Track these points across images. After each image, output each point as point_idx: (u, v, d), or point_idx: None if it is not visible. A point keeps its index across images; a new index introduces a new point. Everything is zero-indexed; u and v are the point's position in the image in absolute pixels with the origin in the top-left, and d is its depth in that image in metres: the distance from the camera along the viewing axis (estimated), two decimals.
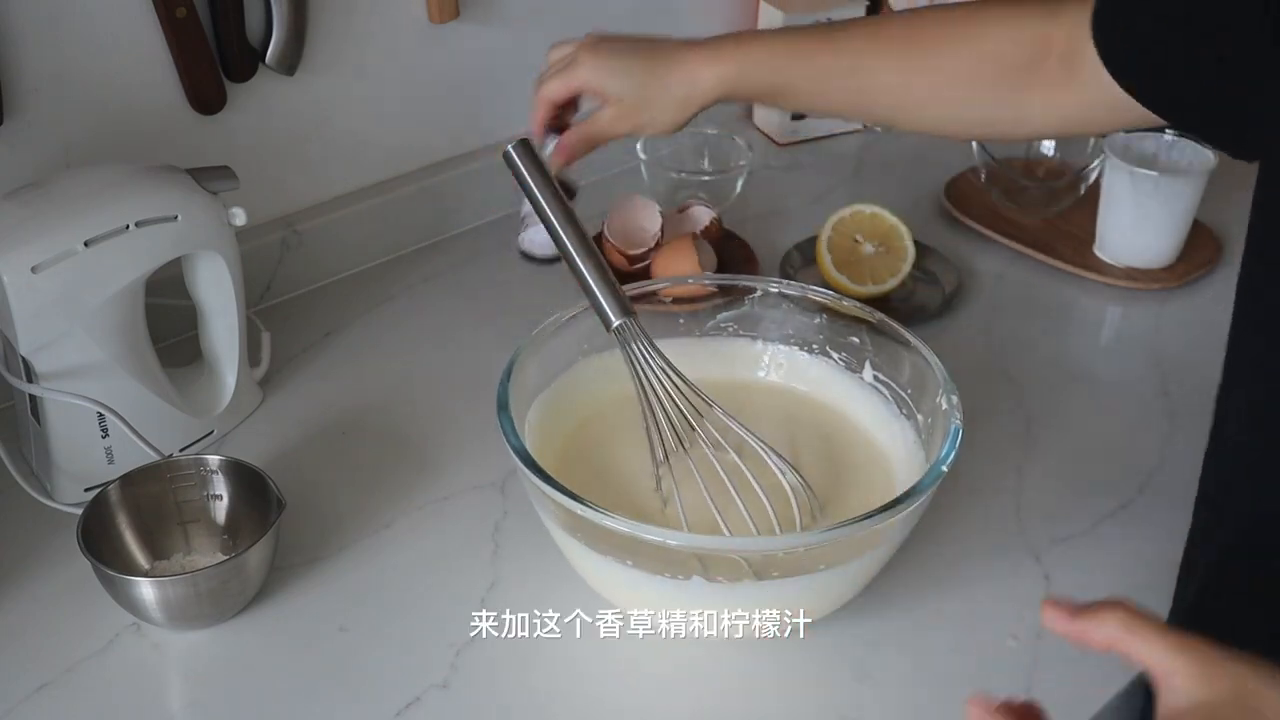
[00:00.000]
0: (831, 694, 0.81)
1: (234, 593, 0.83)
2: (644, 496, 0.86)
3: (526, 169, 0.85)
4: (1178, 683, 0.52)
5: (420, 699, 0.80)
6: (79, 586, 0.85)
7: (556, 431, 0.91)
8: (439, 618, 0.85)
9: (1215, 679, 0.51)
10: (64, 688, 0.80)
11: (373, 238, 1.21)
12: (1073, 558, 0.91)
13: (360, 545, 0.91)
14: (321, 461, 0.98)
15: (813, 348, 0.96)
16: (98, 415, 0.91)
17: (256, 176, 1.08)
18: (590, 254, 0.84)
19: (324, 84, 1.14)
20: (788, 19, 1.39)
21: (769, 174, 1.40)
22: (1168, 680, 0.52)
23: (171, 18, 1.01)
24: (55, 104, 0.99)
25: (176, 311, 1.02)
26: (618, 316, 0.84)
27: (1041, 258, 1.24)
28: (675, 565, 0.76)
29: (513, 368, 0.85)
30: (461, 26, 1.20)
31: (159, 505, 0.88)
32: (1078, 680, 0.82)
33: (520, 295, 1.18)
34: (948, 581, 0.89)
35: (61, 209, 0.88)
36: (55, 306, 0.87)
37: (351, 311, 1.16)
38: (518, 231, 1.23)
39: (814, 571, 0.77)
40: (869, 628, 0.85)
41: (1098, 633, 0.54)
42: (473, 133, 1.27)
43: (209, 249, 0.95)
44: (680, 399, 0.85)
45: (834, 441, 0.92)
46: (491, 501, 0.95)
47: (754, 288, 0.96)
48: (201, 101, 1.06)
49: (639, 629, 0.84)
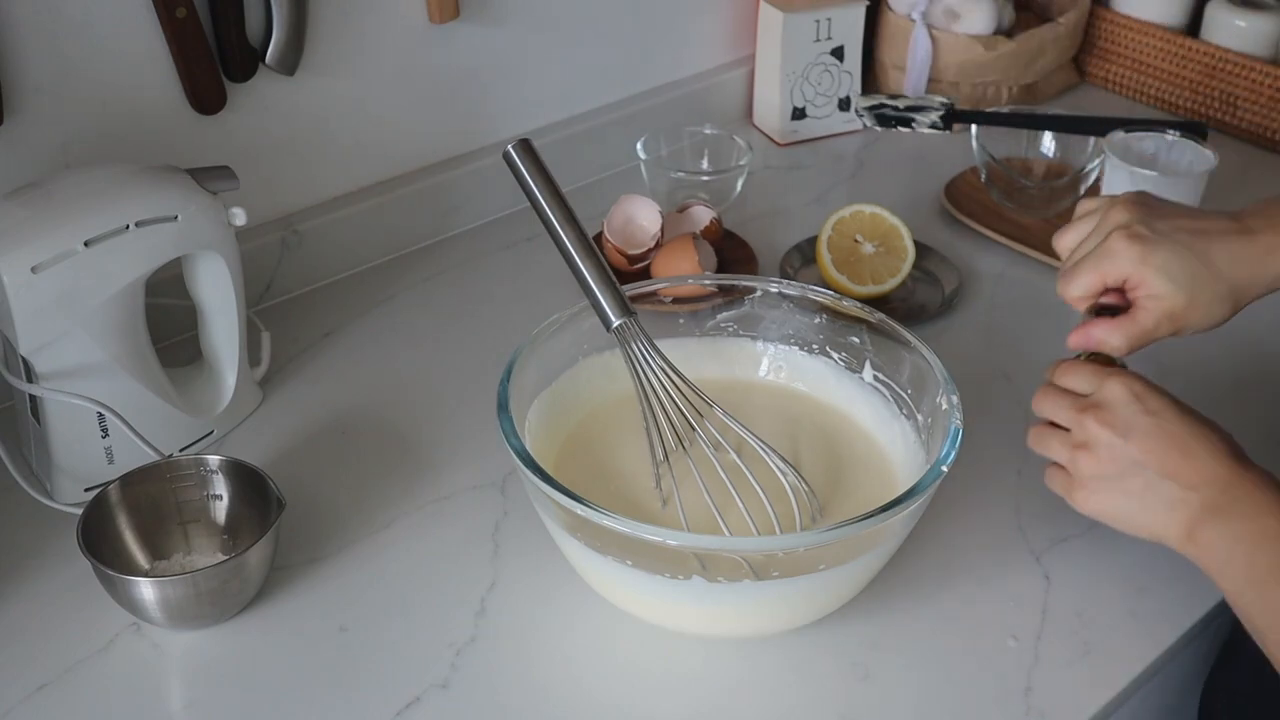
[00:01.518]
0: (831, 694, 0.81)
1: (234, 593, 0.83)
2: (644, 496, 0.86)
3: (526, 169, 0.85)
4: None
5: (420, 699, 0.80)
6: (79, 586, 0.85)
7: (556, 431, 0.91)
8: (439, 618, 0.85)
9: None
10: (64, 688, 0.80)
11: (373, 238, 1.21)
12: (1073, 558, 0.91)
13: (360, 545, 0.91)
14: (321, 461, 0.98)
15: (813, 348, 0.96)
16: (98, 415, 0.91)
17: (256, 176, 1.08)
18: (590, 254, 0.84)
19: (324, 84, 1.14)
20: (788, 18, 1.39)
21: (769, 174, 1.40)
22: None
23: (171, 18, 1.01)
24: (55, 104, 0.99)
25: (176, 311, 1.02)
26: (618, 316, 0.84)
27: (1041, 258, 1.24)
28: (675, 565, 0.76)
29: (513, 368, 0.85)
30: (461, 26, 1.20)
31: (159, 505, 0.88)
32: (1078, 680, 0.82)
33: (520, 295, 1.18)
34: (948, 581, 0.89)
35: (61, 209, 0.88)
36: (55, 306, 0.87)
37: (351, 311, 1.16)
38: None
39: (814, 571, 0.77)
40: (869, 628, 0.85)
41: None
42: (473, 133, 1.27)
43: (209, 249, 0.95)
44: (680, 399, 0.85)
45: (834, 441, 0.92)
46: (491, 501, 0.95)
47: (754, 288, 0.96)
48: (201, 101, 1.06)
49: (639, 629, 0.84)
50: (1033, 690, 0.81)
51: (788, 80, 1.42)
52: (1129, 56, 1.55)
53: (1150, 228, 0.82)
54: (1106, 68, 1.58)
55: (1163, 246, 0.81)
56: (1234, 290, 0.81)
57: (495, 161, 0.93)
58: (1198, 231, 0.82)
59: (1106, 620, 0.87)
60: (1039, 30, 1.49)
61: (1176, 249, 0.81)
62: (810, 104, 1.44)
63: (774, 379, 0.98)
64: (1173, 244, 0.81)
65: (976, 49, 1.46)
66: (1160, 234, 0.81)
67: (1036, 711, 0.80)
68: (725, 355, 0.98)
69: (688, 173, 1.29)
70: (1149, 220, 0.82)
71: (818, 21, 1.41)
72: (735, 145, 1.31)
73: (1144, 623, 0.86)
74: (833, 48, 1.43)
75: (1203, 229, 0.82)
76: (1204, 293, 0.81)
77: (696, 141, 1.33)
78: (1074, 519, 0.94)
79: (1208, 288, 0.81)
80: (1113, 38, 1.56)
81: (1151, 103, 1.55)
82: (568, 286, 0.87)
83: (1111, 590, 0.89)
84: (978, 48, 1.46)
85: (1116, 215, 0.84)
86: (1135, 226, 0.82)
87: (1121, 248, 0.81)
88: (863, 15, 1.43)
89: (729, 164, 1.31)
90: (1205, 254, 0.81)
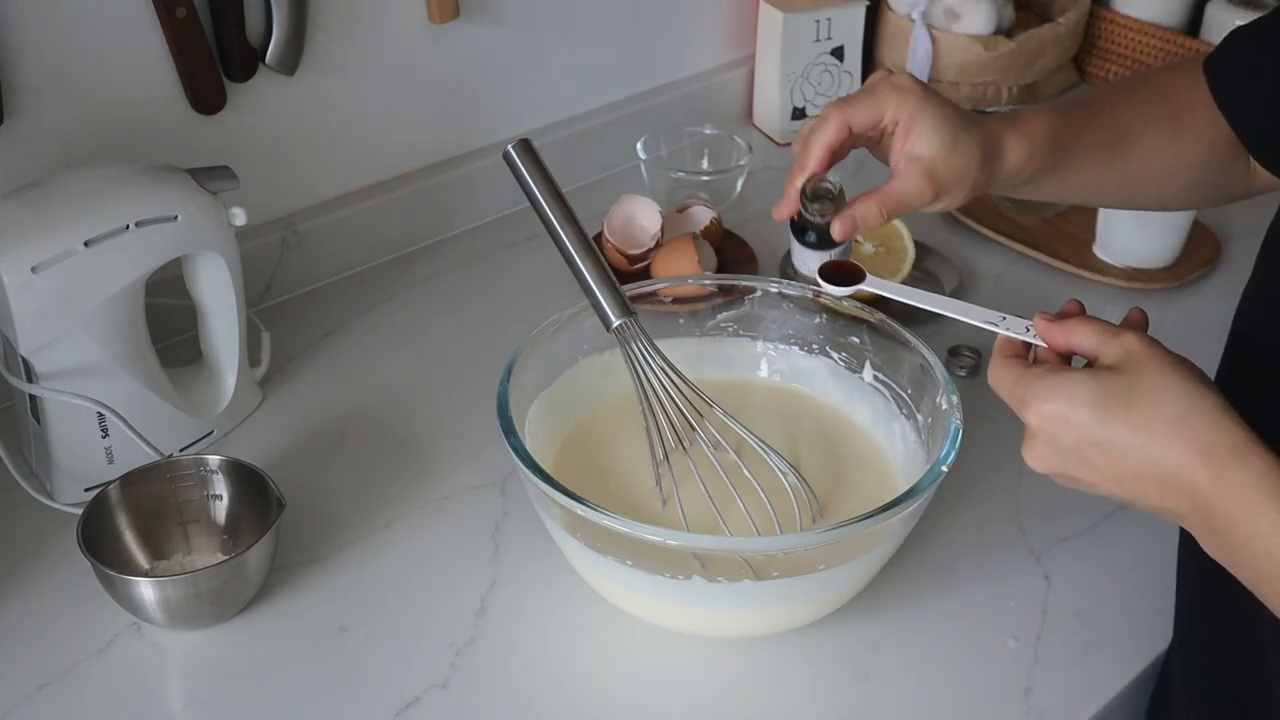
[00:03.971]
0: (831, 694, 0.81)
1: (234, 593, 0.83)
2: (644, 496, 0.86)
3: (527, 169, 0.85)
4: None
5: (420, 699, 0.80)
6: (79, 586, 0.85)
7: (556, 431, 0.91)
8: (439, 618, 0.85)
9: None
10: (64, 688, 0.80)
11: (373, 238, 1.21)
12: (1073, 558, 0.91)
13: (360, 545, 0.91)
14: (321, 461, 0.98)
15: (813, 348, 0.96)
16: (98, 415, 0.91)
17: (256, 176, 1.08)
18: (590, 254, 0.84)
19: (324, 84, 1.14)
20: (788, 18, 1.39)
21: (769, 174, 1.40)
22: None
23: (171, 18, 1.01)
24: (55, 104, 0.99)
25: (176, 311, 1.02)
26: (618, 316, 0.84)
27: (1041, 258, 1.24)
28: (675, 565, 0.76)
29: (513, 368, 0.85)
30: (461, 26, 1.20)
31: (159, 505, 0.88)
32: (1078, 680, 0.82)
33: (520, 295, 1.18)
34: (948, 581, 0.89)
35: (61, 209, 0.88)
36: (55, 306, 0.87)
37: (351, 311, 1.16)
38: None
39: (814, 571, 0.77)
40: (869, 628, 0.85)
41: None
42: (473, 133, 1.27)
43: (209, 249, 0.95)
44: (680, 399, 0.85)
45: (834, 441, 0.92)
46: (491, 501, 0.95)
47: (754, 288, 0.96)
48: (201, 101, 1.06)
49: (639, 629, 0.84)
50: (1033, 690, 0.81)
51: (788, 80, 1.42)
52: (1129, 56, 1.55)
53: (913, 81, 0.80)
54: (1106, 68, 1.58)
55: (928, 94, 0.79)
56: (985, 156, 0.79)
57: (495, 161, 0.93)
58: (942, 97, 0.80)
59: (1106, 620, 0.87)
60: (1039, 30, 1.49)
61: (939, 101, 0.79)
62: (810, 104, 1.44)
63: (774, 379, 0.98)
64: (936, 97, 0.79)
65: (976, 49, 1.46)
66: (922, 87, 0.79)
67: (1036, 711, 0.80)
68: (725, 355, 0.98)
69: (688, 173, 1.29)
70: (912, 80, 0.80)
71: (818, 21, 1.41)
72: (735, 145, 1.31)
73: (1144, 623, 0.86)
74: (833, 48, 1.43)
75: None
76: (965, 147, 0.78)
77: (696, 141, 1.33)
78: (1074, 519, 0.94)
79: (967, 144, 0.78)
80: (1113, 38, 1.56)
81: None
82: (568, 286, 0.87)
83: (1111, 590, 0.89)
84: (977, 48, 1.46)
85: (878, 77, 0.82)
86: (896, 78, 0.80)
87: (886, 90, 0.79)
88: (863, 15, 1.43)
89: (729, 164, 1.31)
90: (966, 118, 0.79)
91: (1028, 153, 0.80)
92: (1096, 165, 0.83)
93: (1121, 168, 0.84)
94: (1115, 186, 0.86)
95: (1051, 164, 0.81)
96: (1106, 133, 0.83)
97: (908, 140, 0.79)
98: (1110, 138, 0.83)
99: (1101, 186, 0.86)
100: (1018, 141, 0.80)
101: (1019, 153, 0.80)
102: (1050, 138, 0.81)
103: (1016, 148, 0.80)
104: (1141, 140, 0.83)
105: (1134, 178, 0.85)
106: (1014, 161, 0.80)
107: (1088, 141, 0.82)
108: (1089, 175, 0.84)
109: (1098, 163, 0.83)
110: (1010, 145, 0.80)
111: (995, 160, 0.80)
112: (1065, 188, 0.85)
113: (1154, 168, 0.84)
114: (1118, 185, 0.86)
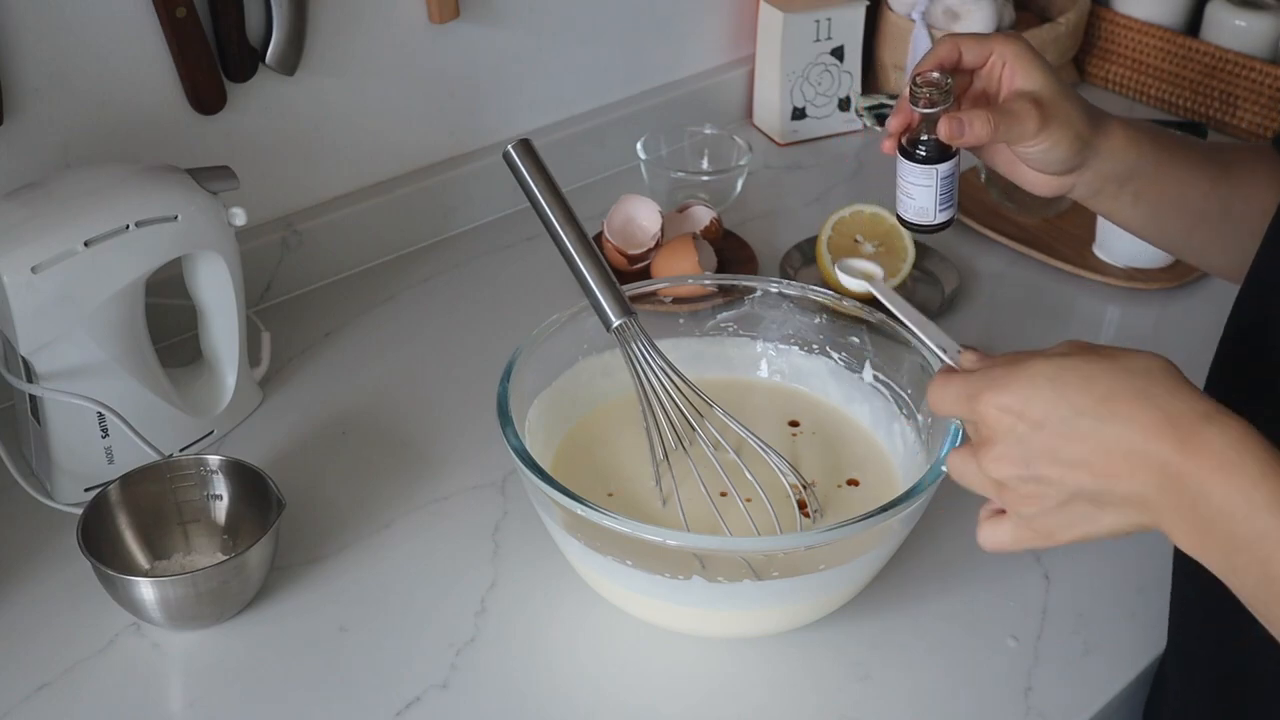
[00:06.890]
0: (831, 694, 0.81)
1: (234, 593, 0.83)
2: (644, 496, 0.86)
3: (526, 169, 0.85)
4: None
5: (420, 699, 0.80)
6: (79, 586, 0.85)
7: (556, 431, 0.91)
8: (439, 617, 0.85)
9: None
10: (64, 688, 0.80)
11: (373, 238, 1.21)
12: (1073, 558, 0.91)
13: (360, 545, 0.91)
14: (321, 461, 0.98)
15: (813, 348, 0.96)
16: (98, 415, 0.91)
17: (256, 176, 1.08)
18: (590, 254, 0.84)
19: (324, 84, 1.14)
20: (788, 18, 1.39)
21: (769, 174, 1.40)
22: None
23: (171, 18, 1.01)
24: (55, 104, 0.99)
25: (176, 311, 1.02)
26: (618, 316, 0.84)
27: (1041, 258, 1.24)
28: (675, 565, 0.76)
29: (513, 368, 0.85)
30: (461, 26, 1.20)
31: (159, 505, 0.88)
32: (1078, 680, 0.82)
33: (520, 295, 1.18)
34: (948, 581, 0.89)
35: (61, 209, 0.88)
36: (55, 306, 0.87)
37: (351, 311, 1.16)
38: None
39: (814, 571, 0.77)
40: (869, 628, 0.85)
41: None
42: (472, 133, 1.27)
43: (209, 249, 0.95)
44: (680, 399, 0.85)
45: (834, 441, 0.92)
46: (491, 501, 0.95)
47: (754, 288, 0.96)
48: (201, 101, 1.06)
49: (639, 629, 0.84)
50: (1033, 690, 0.81)
51: (788, 80, 1.42)
52: (1129, 56, 1.55)
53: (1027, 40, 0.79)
54: (1106, 68, 1.58)
55: (1039, 54, 0.78)
56: (1090, 114, 0.78)
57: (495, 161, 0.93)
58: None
59: (1106, 620, 0.87)
60: (1039, 30, 1.48)
61: (1048, 63, 0.78)
62: (810, 104, 1.44)
63: (774, 379, 0.98)
64: (1045, 59, 0.78)
65: None
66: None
67: (1036, 711, 0.80)
68: (725, 355, 0.98)
69: (688, 173, 1.29)
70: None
71: (818, 21, 1.41)
72: (735, 145, 1.31)
73: (1144, 623, 0.86)
74: (833, 48, 1.43)
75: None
76: (1068, 105, 0.77)
77: (696, 141, 1.33)
78: None
79: (1071, 95, 0.77)
80: (1113, 38, 1.56)
81: (1151, 103, 1.55)
82: (568, 286, 0.87)
83: (1111, 590, 0.89)
84: None
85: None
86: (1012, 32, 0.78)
87: (999, 35, 0.79)
88: (863, 15, 1.43)
89: (729, 164, 1.31)
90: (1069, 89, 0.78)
91: (1130, 136, 0.79)
92: (1199, 183, 0.81)
93: (1225, 193, 0.82)
94: (1214, 208, 0.83)
95: (1152, 159, 0.80)
96: (1206, 154, 0.82)
97: (1015, 77, 0.78)
98: (1211, 158, 0.82)
99: (1196, 204, 0.83)
100: (1119, 122, 0.79)
101: (1121, 133, 0.79)
102: (1151, 135, 0.80)
103: (1118, 126, 0.79)
104: (1241, 177, 0.82)
105: (1229, 206, 0.82)
106: (1117, 138, 0.78)
107: (1193, 159, 0.81)
108: (1188, 192, 0.81)
109: (1200, 182, 0.81)
110: (1112, 122, 0.79)
111: (1100, 124, 0.78)
112: (1161, 201, 0.82)
113: (1254, 210, 0.82)
114: (1218, 210, 0.83)
